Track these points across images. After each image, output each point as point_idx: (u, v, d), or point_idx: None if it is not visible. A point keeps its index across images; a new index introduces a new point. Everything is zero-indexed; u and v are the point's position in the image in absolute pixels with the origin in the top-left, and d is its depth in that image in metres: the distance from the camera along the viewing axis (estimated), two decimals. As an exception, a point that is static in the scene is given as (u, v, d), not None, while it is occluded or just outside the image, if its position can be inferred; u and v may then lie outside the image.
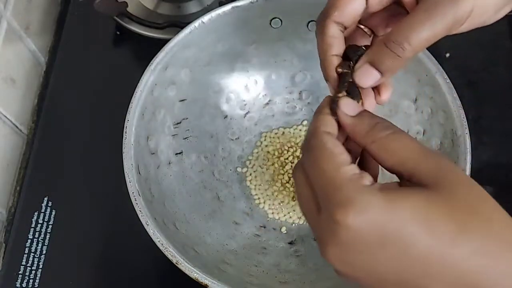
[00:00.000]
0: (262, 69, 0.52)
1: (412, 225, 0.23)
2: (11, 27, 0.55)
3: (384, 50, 0.28)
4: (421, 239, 0.23)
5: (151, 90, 0.44)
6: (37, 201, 0.52)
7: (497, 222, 0.24)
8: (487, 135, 0.54)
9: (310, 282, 0.43)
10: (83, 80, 0.59)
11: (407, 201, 0.24)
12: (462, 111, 0.42)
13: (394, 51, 0.28)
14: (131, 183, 0.40)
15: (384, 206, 0.24)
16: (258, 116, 0.53)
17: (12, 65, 0.55)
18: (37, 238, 0.50)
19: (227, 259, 0.44)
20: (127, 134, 0.42)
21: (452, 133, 0.42)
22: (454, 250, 0.23)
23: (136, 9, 0.60)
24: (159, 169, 0.46)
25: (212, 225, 0.46)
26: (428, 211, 0.24)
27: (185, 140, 0.49)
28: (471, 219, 0.24)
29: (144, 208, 0.39)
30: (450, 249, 0.23)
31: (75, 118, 0.57)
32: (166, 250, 0.38)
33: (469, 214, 0.24)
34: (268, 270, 0.44)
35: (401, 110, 0.48)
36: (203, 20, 0.46)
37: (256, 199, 0.50)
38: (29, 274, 0.49)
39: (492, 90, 0.58)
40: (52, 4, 0.64)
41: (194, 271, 0.37)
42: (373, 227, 0.24)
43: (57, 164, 0.54)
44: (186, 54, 0.47)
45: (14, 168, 0.56)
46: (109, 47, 0.61)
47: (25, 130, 0.58)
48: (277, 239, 0.47)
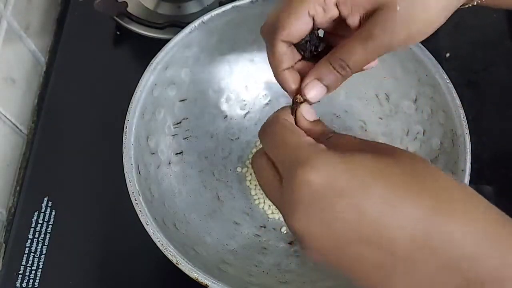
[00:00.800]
0: (262, 69, 0.52)
1: (363, 175, 0.25)
2: (11, 27, 0.55)
3: (329, 68, 0.32)
4: (374, 191, 0.25)
5: (151, 90, 0.44)
6: (37, 201, 0.52)
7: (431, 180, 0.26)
8: (487, 135, 0.54)
9: (310, 282, 0.43)
10: (83, 80, 0.59)
11: (362, 156, 0.26)
12: (462, 111, 0.42)
13: (338, 70, 0.32)
14: (131, 183, 0.40)
15: (339, 161, 0.26)
16: (258, 116, 0.53)
17: (12, 65, 0.55)
18: (37, 238, 0.50)
19: (227, 259, 0.44)
20: (127, 134, 0.42)
21: (452, 133, 0.42)
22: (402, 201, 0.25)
23: (136, 9, 0.60)
24: (159, 169, 0.46)
25: (212, 225, 0.46)
26: (380, 164, 0.26)
27: (185, 140, 0.49)
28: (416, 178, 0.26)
29: (144, 208, 0.39)
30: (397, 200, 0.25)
31: (75, 118, 0.57)
32: (166, 250, 0.38)
33: (412, 173, 0.26)
34: (268, 270, 0.44)
35: (401, 110, 0.48)
36: (203, 20, 0.46)
37: (256, 199, 0.50)
38: (29, 274, 0.49)
39: (492, 90, 0.58)
40: (52, 4, 0.64)
41: (194, 271, 0.37)
42: (330, 180, 0.25)
43: (57, 164, 0.54)
44: (186, 54, 0.47)
45: (14, 168, 0.56)
46: (109, 47, 0.61)
47: (25, 130, 0.58)
48: (277, 239, 0.47)
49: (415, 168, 0.26)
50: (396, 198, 0.25)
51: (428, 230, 0.24)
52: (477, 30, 0.61)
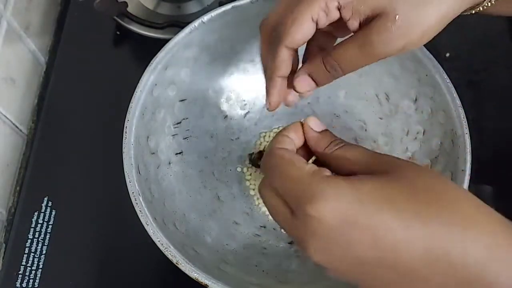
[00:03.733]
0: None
1: (375, 203, 0.26)
2: (11, 27, 0.55)
3: (321, 66, 0.33)
4: (385, 218, 0.25)
5: (151, 90, 0.44)
6: (37, 201, 0.52)
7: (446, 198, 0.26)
8: (487, 135, 0.54)
9: (310, 282, 0.43)
10: (83, 80, 0.59)
11: (368, 182, 0.27)
12: (462, 111, 0.42)
13: (328, 70, 0.33)
14: (131, 183, 0.40)
15: (348, 189, 0.26)
16: (258, 116, 0.53)
17: (12, 65, 0.55)
18: (37, 238, 0.50)
19: (227, 259, 0.44)
20: (127, 134, 0.42)
21: (452, 133, 0.42)
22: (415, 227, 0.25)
23: (136, 9, 0.60)
24: (159, 169, 0.46)
25: (212, 225, 0.46)
26: (387, 190, 0.26)
27: (185, 140, 0.49)
28: (429, 198, 0.26)
29: (144, 208, 0.39)
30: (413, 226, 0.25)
31: (75, 118, 0.57)
32: (166, 250, 0.38)
33: (426, 193, 0.26)
34: (268, 270, 0.44)
35: (401, 110, 0.48)
36: (203, 20, 0.46)
37: (256, 199, 0.50)
38: (29, 274, 0.49)
39: (492, 90, 0.58)
40: (52, 4, 0.64)
41: (194, 271, 0.37)
42: (342, 213, 0.26)
43: (57, 164, 0.54)
44: (186, 54, 0.47)
45: (14, 168, 0.56)
46: (109, 47, 0.61)
47: (25, 130, 0.58)
48: (277, 239, 0.47)
49: (422, 185, 0.27)
50: (405, 222, 0.25)
51: (440, 245, 0.25)
52: (477, 30, 0.61)
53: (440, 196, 0.26)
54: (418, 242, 0.25)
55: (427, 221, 0.25)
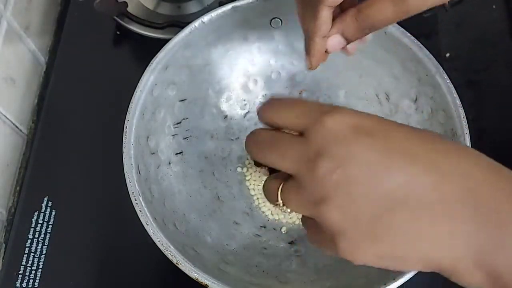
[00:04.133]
0: (262, 69, 0.52)
1: (391, 123, 0.28)
2: (11, 27, 0.55)
3: (354, 23, 0.34)
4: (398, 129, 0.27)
5: (151, 90, 0.44)
6: (37, 201, 0.52)
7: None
8: (487, 135, 0.54)
9: (310, 282, 0.43)
10: (83, 80, 0.59)
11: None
12: (462, 111, 0.42)
13: (361, 26, 0.33)
14: (131, 183, 0.40)
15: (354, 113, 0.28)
16: (258, 116, 0.53)
17: (12, 65, 0.55)
18: (37, 238, 0.50)
19: (227, 259, 0.44)
20: (127, 134, 0.42)
21: (452, 133, 0.42)
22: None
23: (136, 9, 0.60)
24: (159, 169, 0.46)
25: (212, 225, 0.46)
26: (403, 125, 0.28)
27: (185, 140, 0.49)
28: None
29: (144, 208, 0.39)
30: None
31: (75, 118, 0.57)
32: (167, 250, 0.38)
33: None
34: (268, 270, 0.44)
35: (401, 110, 0.48)
36: (203, 20, 0.46)
37: (256, 199, 0.50)
38: (29, 274, 0.49)
39: (492, 90, 0.58)
40: (52, 4, 0.64)
41: (194, 271, 0.37)
42: (357, 122, 0.27)
43: (57, 164, 0.54)
44: (186, 54, 0.47)
45: (14, 168, 0.56)
46: (109, 47, 0.61)
47: (25, 130, 0.58)
48: (278, 239, 0.47)
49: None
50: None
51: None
52: (477, 30, 0.61)
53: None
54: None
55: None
